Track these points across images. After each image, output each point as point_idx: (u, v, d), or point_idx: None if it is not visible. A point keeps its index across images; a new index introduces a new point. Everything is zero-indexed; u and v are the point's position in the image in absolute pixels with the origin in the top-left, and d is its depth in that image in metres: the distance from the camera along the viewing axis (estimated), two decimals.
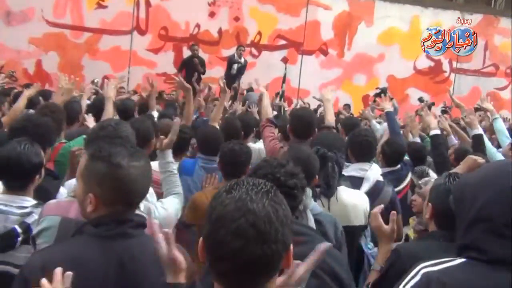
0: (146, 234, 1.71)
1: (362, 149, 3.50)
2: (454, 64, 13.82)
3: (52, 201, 2.16)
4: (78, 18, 11.47)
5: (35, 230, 2.02)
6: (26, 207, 2.32)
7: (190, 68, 10.56)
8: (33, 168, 2.40)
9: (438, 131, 4.45)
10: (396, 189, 3.71)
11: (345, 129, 4.58)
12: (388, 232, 2.33)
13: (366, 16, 13.13)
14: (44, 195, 2.57)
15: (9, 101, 5.71)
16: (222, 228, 1.19)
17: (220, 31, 12.31)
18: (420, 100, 9.36)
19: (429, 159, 4.54)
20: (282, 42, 12.77)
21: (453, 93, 13.78)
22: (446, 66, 13.83)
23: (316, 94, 12.06)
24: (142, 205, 2.06)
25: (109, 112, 3.97)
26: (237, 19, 12.39)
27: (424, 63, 13.60)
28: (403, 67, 13.42)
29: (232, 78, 10.69)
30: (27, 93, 4.92)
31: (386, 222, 2.35)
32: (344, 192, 2.96)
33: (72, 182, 2.62)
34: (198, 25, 12.15)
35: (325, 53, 13.06)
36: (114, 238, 1.66)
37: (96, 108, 4.39)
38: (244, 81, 11.18)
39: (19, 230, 2.24)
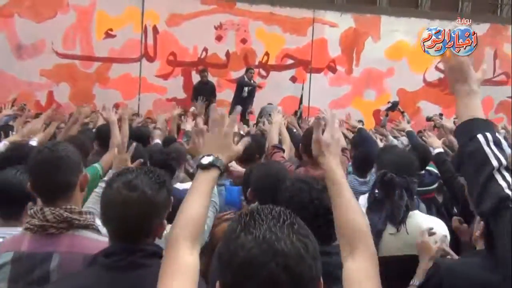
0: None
1: (396, 167, 3.34)
2: None
3: (9, 237, 2.08)
4: (88, 48, 11.62)
5: None
6: None
7: (202, 94, 10.62)
8: (25, 195, 2.27)
9: (441, 149, 4.41)
10: None
11: (355, 145, 4.52)
12: (434, 251, 2.30)
13: (373, 32, 13.14)
14: None
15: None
16: (250, 279, 1.06)
17: (228, 54, 12.40)
18: (428, 119, 9.29)
19: None
20: (290, 61, 12.81)
21: None
22: None
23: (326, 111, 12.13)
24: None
25: (117, 135, 3.90)
26: (244, 41, 12.47)
27: (433, 75, 13.51)
28: (413, 80, 13.37)
29: (243, 101, 10.70)
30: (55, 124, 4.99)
31: None
32: (420, 219, 2.64)
33: None
34: (206, 49, 12.24)
35: (334, 70, 13.07)
36: (125, 269, 1.61)
37: (102, 135, 4.33)
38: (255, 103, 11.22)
39: None
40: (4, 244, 1.99)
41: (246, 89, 11.16)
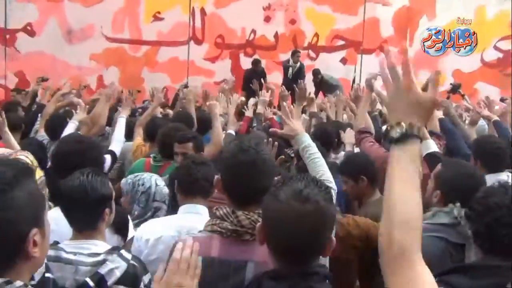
0: None
1: (496, 159, 3.19)
2: None
3: (185, 238, 1.87)
4: (136, 32, 11.61)
5: None
6: (98, 254, 1.98)
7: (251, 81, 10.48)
8: (101, 200, 2.09)
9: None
10: None
11: None
12: None
13: (428, 9, 12.52)
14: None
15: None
16: None
17: (276, 35, 12.11)
18: (502, 99, 8.89)
19: None
20: (340, 42, 12.42)
21: None
22: None
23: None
24: None
25: (219, 129, 4.00)
26: (293, 22, 12.15)
27: (492, 55, 12.85)
28: (469, 60, 12.72)
29: (291, 83, 10.46)
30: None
31: None
32: None
33: None
34: (254, 31, 12.00)
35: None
36: None
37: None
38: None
39: (91, 284, 1.89)
40: None
41: (290, 70, 10.90)
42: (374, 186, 3.20)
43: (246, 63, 11.79)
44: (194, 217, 2.47)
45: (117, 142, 4.13)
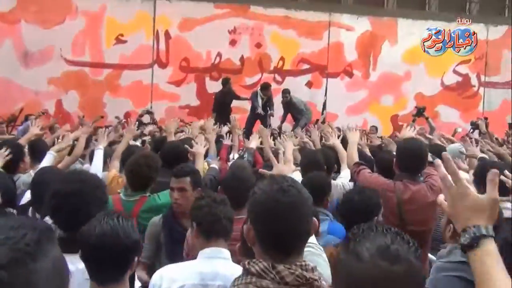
0: None
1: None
2: (483, 78, 13.40)
3: None
4: (98, 55, 11.16)
5: None
6: None
7: (224, 104, 10.22)
8: (133, 246, 1.87)
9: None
10: None
11: None
12: None
13: (390, 35, 12.77)
14: None
15: None
16: None
17: (242, 59, 11.96)
18: (472, 123, 9.01)
19: None
20: (306, 66, 12.41)
21: (484, 107, 13.43)
22: (474, 81, 13.40)
23: (342, 117, 11.78)
24: None
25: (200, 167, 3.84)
26: (258, 45, 12.05)
27: (451, 78, 13.19)
28: (430, 84, 13.01)
29: (261, 116, 10.28)
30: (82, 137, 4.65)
31: None
32: None
33: None
34: (219, 54, 11.81)
35: (350, 74, 12.68)
36: None
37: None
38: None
39: None
40: None
41: (259, 102, 10.63)
42: None
43: (211, 86, 11.57)
44: (220, 262, 2.24)
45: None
